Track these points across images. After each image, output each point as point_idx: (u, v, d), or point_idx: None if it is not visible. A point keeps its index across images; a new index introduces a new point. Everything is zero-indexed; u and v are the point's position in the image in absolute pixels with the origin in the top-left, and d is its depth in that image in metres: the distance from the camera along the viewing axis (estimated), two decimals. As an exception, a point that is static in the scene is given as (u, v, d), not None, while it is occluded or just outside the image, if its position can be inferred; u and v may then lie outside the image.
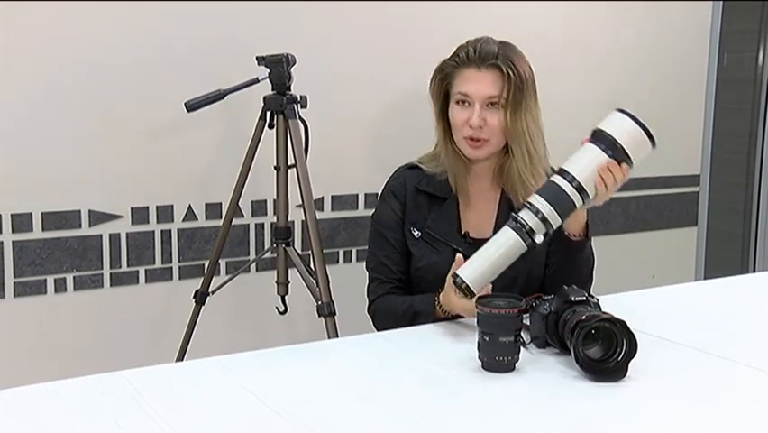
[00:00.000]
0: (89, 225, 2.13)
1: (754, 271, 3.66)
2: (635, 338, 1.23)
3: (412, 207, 1.73)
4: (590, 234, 1.64)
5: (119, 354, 2.17)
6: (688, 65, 3.14)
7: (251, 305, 2.36)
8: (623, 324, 1.24)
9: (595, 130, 1.47)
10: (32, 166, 2.04)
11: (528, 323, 1.39)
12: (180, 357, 2.13)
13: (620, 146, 1.44)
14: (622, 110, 1.46)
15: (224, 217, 2.19)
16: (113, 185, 2.14)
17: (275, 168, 2.11)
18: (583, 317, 1.25)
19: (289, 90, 2.04)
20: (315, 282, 2.05)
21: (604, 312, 1.29)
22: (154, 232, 2.22)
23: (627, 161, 1.45)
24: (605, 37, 2.91)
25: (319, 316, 2.02)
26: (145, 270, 2.22)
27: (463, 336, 1.43)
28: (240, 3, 2.22)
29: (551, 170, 1.75)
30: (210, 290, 2.15)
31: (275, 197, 2.14)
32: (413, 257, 1.72)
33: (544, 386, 1.24)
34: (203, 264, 2.26)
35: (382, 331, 1.72)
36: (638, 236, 3.10)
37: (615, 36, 2.93)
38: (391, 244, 1.74)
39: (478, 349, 1.29)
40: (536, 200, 1.46)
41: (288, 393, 1.19)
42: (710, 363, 1.35)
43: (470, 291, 1.44)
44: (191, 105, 1.97)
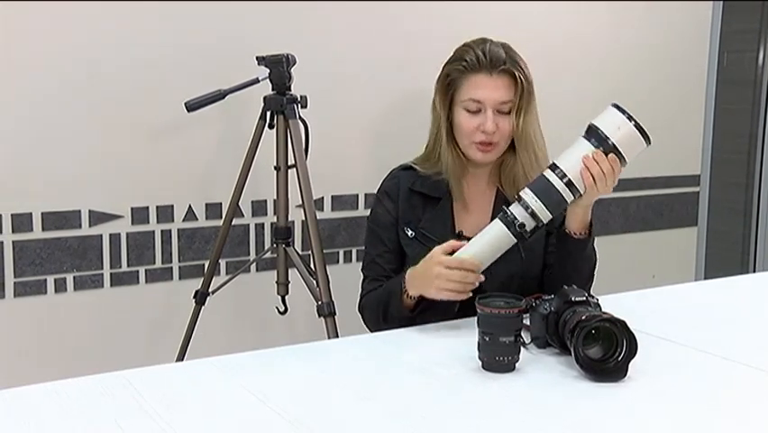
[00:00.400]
0: (89, 225, 2.13)
1: (754, 271, 3.66)
2: (635, 338, 1.23)
3: (406, 208, 1.74)
4: (594, 233, 1.63)
5: (119, 354, 2.17)
6: (688, 65, 3.14)
7: (251, 305, 2.36)
8: (623, 324, 1.24)
9: (589, 125, 1.48)
10: (32, 166, 2.05)
11: (528, 323, 1.39)
12: (180, 357, 2.13)
13: (610, 140, 1.45)
14: (616, 105, 1.46)
15: (224, 217, 2.19)
16: (113, 185, 2.15)
17: (275, 168, 2.11)
18: (583, 317, 1.25)
19: (289, 90, 2.04)
20: (315, 282, 2.05)
21: (604, 312, 1.29)
22: (154, 232, 2.22)
23: (617, 154, 1.45)
24: (605, 37, 2.91)
25: (319, 316, 2.02)
26: (145, 270, 2.22)
27: (463, 336, 1.43)
28: (240, 3, 2.22)
29: None
30: (210, 290, 2.15)
31: (275, 197, 2.14)
32: (407, 257, 1.73)
33: (543, 386, 1.24)
34: (203, 264, 2.26)
35: (371, 327, 1.74)
36: (638, 236, 3.10)
37: (615, 36, 2.93)
38: (384, 243, 1.75)
39: (478, 349, 1.29)
40: (526, 194, 1.48)
41: (288, 393, 1.19)
42: (710, 363, 1.35)
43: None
44: (191, 106, 1.97)
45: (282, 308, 2.20)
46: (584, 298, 1.34)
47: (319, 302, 2.02)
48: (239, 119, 2.20)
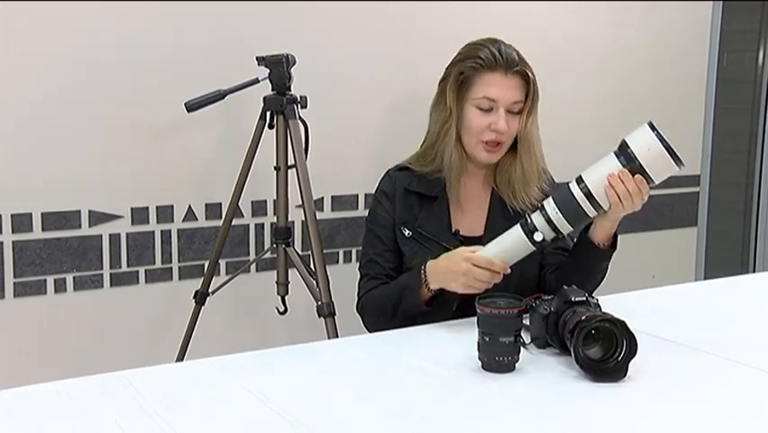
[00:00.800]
0: (89, 226, 2.13)
1: (754, 271, 3.66)
2: (635, 338, 1.23)
3: (403, 207, 1.74)
4: (616, 247, 1.59)
5: (119, 354, 2.17)
6: (688, 65, 3.14)
7: (251, 305, 2.36)
8: (623, 324, 1.24)
9: (621, 141, 1.45)
10: (32, 166, 2.04)
11: (528, 323, 1.39)
12: (180, 357, 2.13)
13: (638, 161, 1.41)
14: (651, 124, 1.43)
15: (224, 218, 2.19)
16: (113, 185, 2.14)
17: (275, 168, 2.11)
18: (583, 317, 1.25)
19: (289, 90, 2.04)
20: (315, 283, 2.05)
21: (604, 312, 1.29)
22: (154, 232, 2.22)
23: (644, 174, 1.42)
24: (605, 37, 2.91)
25: (319, 316, 2.02)
26: (145, 270, 2.22)
27: (463, 336, 1.43)
28: (240, 3, 2.22)
29: (545, 171, 1.78)
30: (210, 290, 2.15)
31: (275, 197, 2.14)
32: (404, 256, 1.73)
33: (543, 386, 1.24)
34: (203, 264, 2.26)
35: (370, 327, 1.75)
36: (638, 236, 3.09)
37: (615, 36, 2.93)
38: (382, 241, 1.75)
39: (478, 349, 1.29)
40: (548, 204, 1.47)
41: (288, 393, 1.19)
42: (710, 363, 1.35)
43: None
44: (191, 106, 1.97)
45: (282, 309, 2.20)
46: (584, 298, 1.34)
47: (319, 302, 2.02)
48: (239, 119, 2.20)
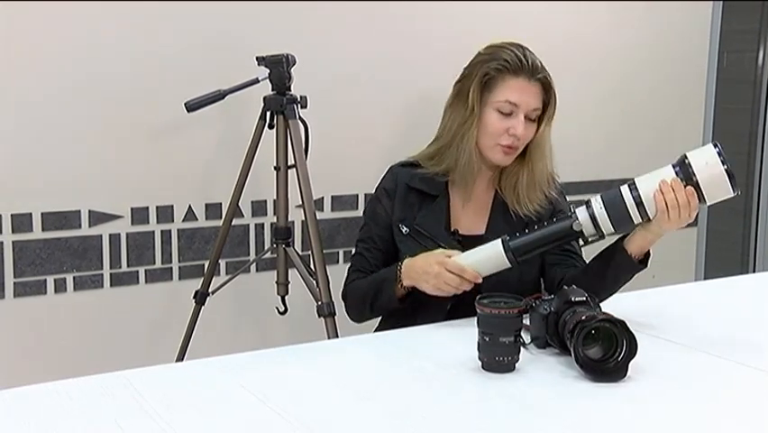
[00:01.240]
0: (89, 226, 2.13)
1: (754, 272, 3.66)
2: (635, 338, 1.23)
3: (402, 204, 1.74)
4: (647, 266, 1.56)
5: (119, 354, 2.17)
6: (688, 65, 3.14)
7: (251, 305, 2.36)
8: (623, 324, 1.24)
9: (682, 155, 1.45)
10: (32, 166, 2.04)
11: (528, 323, 1.39)
12: (180, 357, 2.13)
13: (695, 177, 1.41)
14: (716, 144, 1.42)
15: (223, 218, 2.19)
16: (113, 185, 2.14)
17: (275, 168, 2.11)
18: (583, 317, 1.25)
19: (289, 90, 2.04)
20: (315, 283, 2.05)
21: (604, 312, 1.29)
22: (154, 232, 2.22)
23: (698, 191, 1.41)
24: (605, 37, 2.91)
25: (319, 316, 2.02)
26: (145, 270, 2.22)
27: (463, 336, 1.42)
28: (240, 3, 2.22)
29: (555, 179, 1.78)
30: (210, 290, 2.15)
31: (275, 197, 2.14)
32: (400, 253, 1.73)
33: (544, 386, 1.24)
34: (203, 264, 2.26)
35: (350, 314, 1.78)
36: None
37: (615, 36, 2.93)
38: (374, 240, 1.77)
39: (478, 349, 1.29)
40: (596, 201, 1.47)
41: (288, 393, 1.19)
42: (710, 363, 1.36)
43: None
44: (191, 106, 1.97)
45: (282, 309, 2.20)
46: (584, 298, 1.34)
47: (319, 302, 2.02)
48: (239, 119, 2.20)
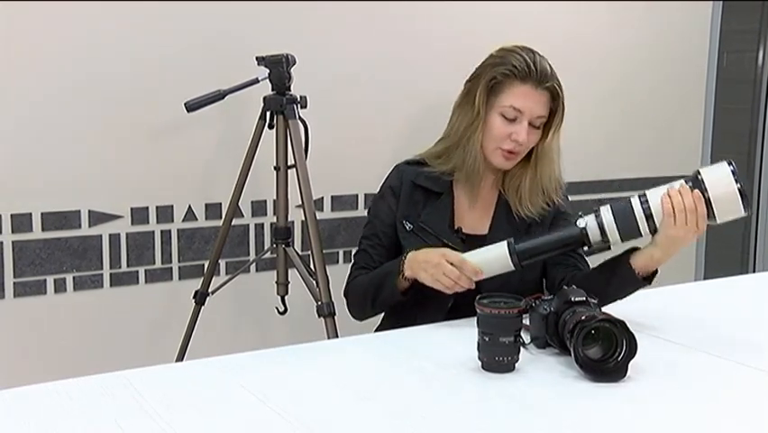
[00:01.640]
0: (89, 226, 2.13)
1: (754, 272, 3.66)
2: (634, 338, 1.23)
3: (407, 202, 1.75)
4: (650, 283, 1.55)
5: (119, 354, 2.17)
6: (688, 65, 3.14)
7: (251, 305, 2.36)
8: (623, 324, 1.24)
9: (695, 171, 1.46)
10: (32, 166, 2.04)
11: (528, 323, 1.39)
12: (180, 357, 2.13)
13: (707, 193, 1.41)
14: (731, 162, 1.42)
15: (223, 218, 2.19)
16: (113, 185, 2.14)
17: (275, 168, 2.11)
18: (583, 317, 1.25)
19: (289, 90, 2.04)
20: (314, 283, 2.05)
21: (604, 312, 1.29)
22: (154, 232, 2.22)
23: (708, 206, 1.41)
24: (605, 37, 2.91)
25: (319, 316, 2.02)
26: (145, 270, 2.22)
27: (463, 336, 1.42)
28: (240, 3, 2.22)
29: (562, 186, 1.78)
30: (210, 290, 2.15)
31: (275, 197, 2.14)
32: (404, 250, 1.73)
33: (544, 386, 1.24)
34: (203, 264, 2.26)
35: (352, 310, 1.79)
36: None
37: (615, 36, 2.93)
38: (378, 236, 1.78)
39: (478, 349, 1.29)
40: (606, 210, 1.46)
41: (288, 393, 1.19)
42: (710, 363, 1.35)
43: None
44: (191, 106, 1.97)
45: (282, 309, 2.20)
46: (584, 298, 1.34)
47: (319, 302, 2.02)
48: (239, 119, 2.20)
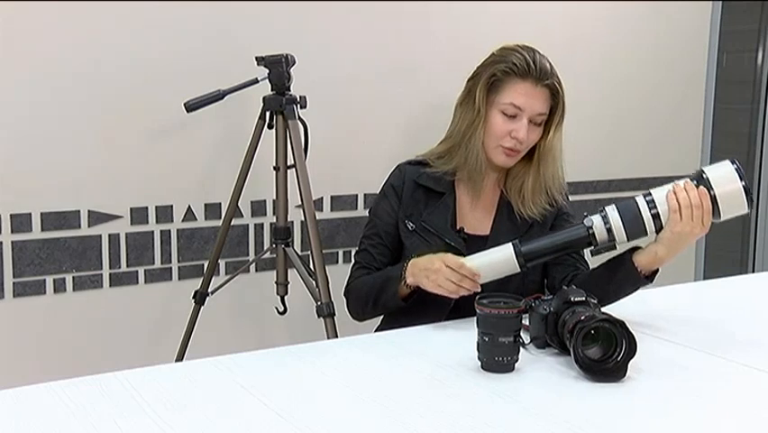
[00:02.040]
0: (89, 226, 2.13)
1: (753, 272, 3.66)
2: (634, 338, 1.23)
3: (409, 201, 1.75)
4: (652, 281, 1.55)
5: (119, 354, 2.17)
6: (687, 65, 3.14)
7: (250, 305, 2.36)
8: (622, 324, 1.24)
9: (699, 169, 1.46)
10: (31, 166, 2.04)
11: (528, 323, 1.39)
12: (180, 357, 2.13)
13: (713, 191, 1.42)
14: (734, 161, 1.43)
15: (223, 218, 2.19)
16: (112, 185, 2.14)
17: (274, 168, 2.11)
18: (583, 317, 1.25)
19: (289, 91, 2.04)
20: (314, 283, 2.05)
21: (603, 312, 1.29)
22: (154, 232, 2.22)
23: (714, 205, 1.42)
24: (605, 37, 2.91)
25: (319, 316, 2.02)
26: (145, 270, 2.22)
27: (463, 336, 1.43)
28: (240, 3, 2.22)
29: (564, 186, 1.77)
30: (210, 290, 2.15)
31: (274, 197, 2.14)
32: (405, 249, 1.73)
33: (543, 386, 1.24)
34: (202, 264, 2.26)
35: (352, 311, 1.79)
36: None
37: (615, 36, 2.93)
38: (380, 236, 1.77)
39: (477, 349, 1.29)
40: (612, 210, 1.47)
41: (288, 393, 1.19)
42: (710, 363, 1.35)
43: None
44: (191, 106, 1.97)
45: (282, 309, 2.20)
46: (583, 298, 1.34)
47: (318, 302, 2.02)
48: (238, 119, 2.20)
